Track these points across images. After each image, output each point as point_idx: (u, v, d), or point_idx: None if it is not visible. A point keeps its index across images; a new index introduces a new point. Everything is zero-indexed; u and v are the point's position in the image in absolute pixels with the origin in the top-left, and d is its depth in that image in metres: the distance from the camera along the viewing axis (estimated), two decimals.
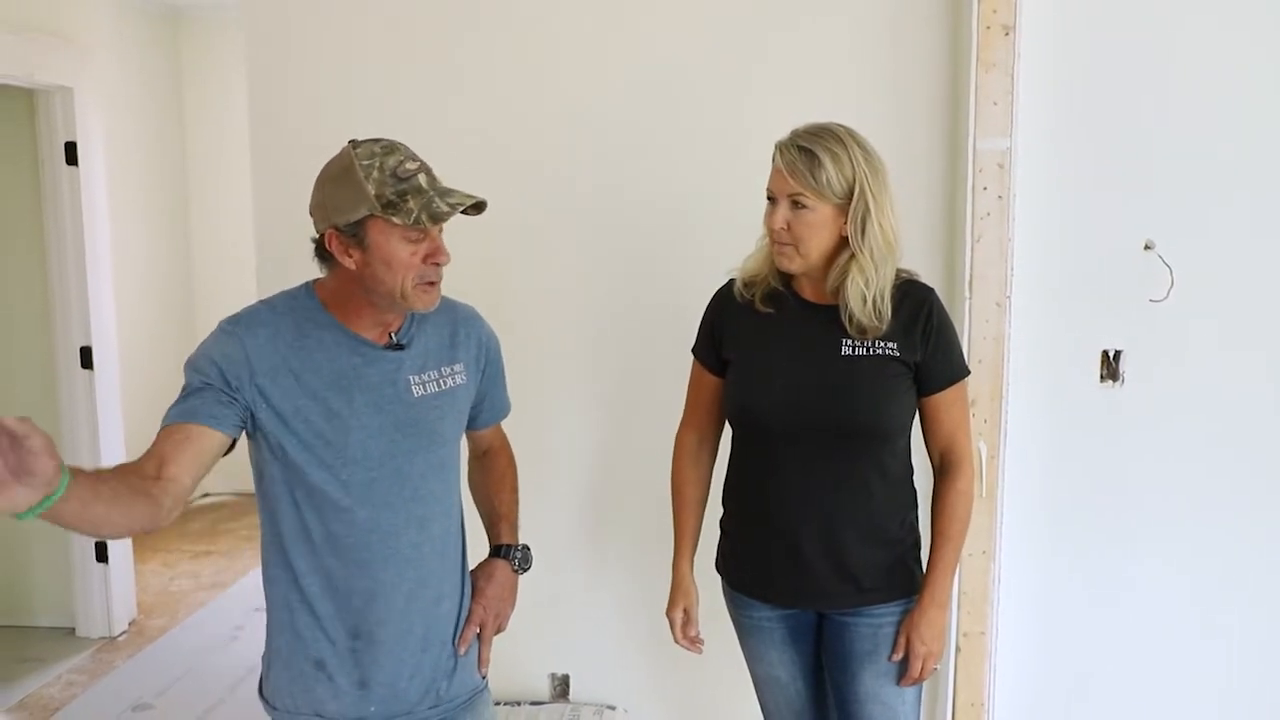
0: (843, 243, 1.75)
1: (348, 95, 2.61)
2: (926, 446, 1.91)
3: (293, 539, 1.63)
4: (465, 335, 1.74)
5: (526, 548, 1.87)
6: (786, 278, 1.85)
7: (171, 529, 5.23)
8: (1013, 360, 2.42)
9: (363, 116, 2.57)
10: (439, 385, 1.68)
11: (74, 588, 3.87)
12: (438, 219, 1.53)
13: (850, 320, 1.76)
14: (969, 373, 1.88)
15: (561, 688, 2.72)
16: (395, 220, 1.50)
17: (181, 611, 4.16)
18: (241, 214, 5.40)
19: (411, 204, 1.51)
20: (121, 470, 1.45)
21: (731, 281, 1.93)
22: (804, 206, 1.73)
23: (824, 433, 1.79)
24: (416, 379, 1.65)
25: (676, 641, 1.98)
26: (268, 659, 1.72)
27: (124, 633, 3.92)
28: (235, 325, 1.59)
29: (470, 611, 1.76)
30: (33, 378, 3.79)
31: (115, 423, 3.89)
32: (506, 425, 1.93)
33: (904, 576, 1.88)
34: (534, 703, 2.67)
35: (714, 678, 2.58)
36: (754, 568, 1.90)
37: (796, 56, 2.49)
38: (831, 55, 2.49)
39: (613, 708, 2.66)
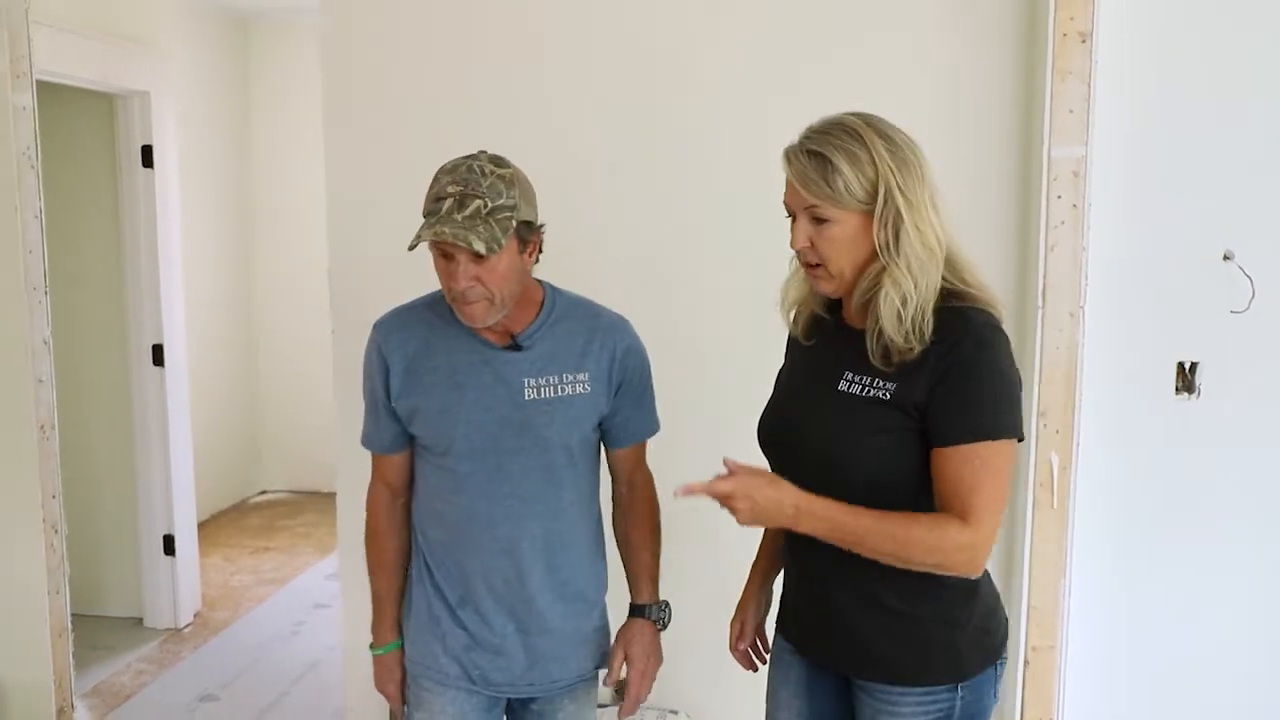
0: (876, 254, 1.48)
1: (419, 98, 2.66)
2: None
3: (422, 505, 1.81)
4: (600, 346, 1.75)
5: (667, 604, 1.90)
6: (833, 300, 1.61)
7: (230, 524, 5.34)
8: (1086, 371, 2.39)
9: (433, 117, 2.63)
10: (555, 391, 1.71)
11: (142, 580, 3.97)
12: (410, 247, 1.61)
13: (875, 342, 1.47)
14: (1006, 436, 1.45)
15: (623, 691, 2.72)
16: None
17: (243, 606, 4.24)
18: (303, 214, 5.53)
19: (423, 224, 1.59)
20: (398, 558, 1.86)
21: None
22: (825, 220, 1.46)
23: (808, 478, 1.48)
24: (531, 382, 1.70)
25: (730, 650, 1.87)
26: (407, 604, 1.86)
27: (189, 625, 4.01)
28: (377, 330, 1.78)
29: (628, 689, 1.86)
30: (107, 374, 3.89)
31: (183, 418, 3.98)
32: None
33: (916, 659, 1.54)
34: (598, 705, 2.68)
35: None
36: (785, 603, 1.75)
37: (867, 64, 2.49)
38: (901, 63, 2.49)
39: (675, 712, 2.67)
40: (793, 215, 1.52)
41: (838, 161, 1.44)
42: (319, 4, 2.67)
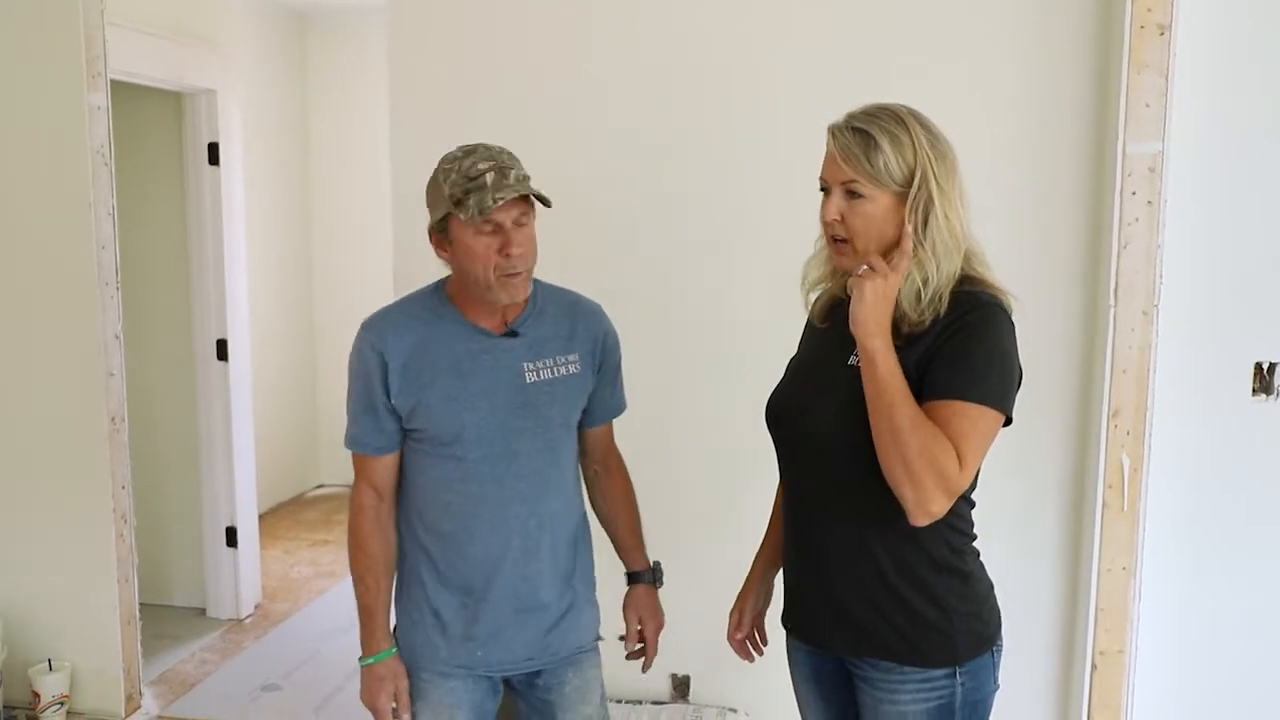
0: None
1: (484, 96, 2.68)
2: None
3: (420, 503, 1.82)
4: (584, 329, 1.86)
5: (658, 564, 2.02)
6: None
7: (289, 517, 5.42)
8: (1159, 371, 2.35)
9: (498, 116, 2.64)
10: (552, 373, 1.80)
11: (205, 571, 4.04)
12: (484, 212, 1.66)
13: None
14: (994, 406, 1.47)
15: (682, 689, 2.73)
16: (461, 217, 1.67)
17: (302, 598, 4.30)
18: (361, 211, 5.60)
19: (472, 200, 1.66)
20: (386, 566, 1.84)
21: None
22: (859, 195, 1.51)
23: (813, 451, 1.59)
24: (530, 365, 1.78)
25: (728, 640, 1.89)
26: (403, 606, 1.87)
27: (250, 615, 4.07)
28: (369, 331, 1.79)
29: (646, 650, 1.99)
30: (174, 368, 3.96)
31: (246, 411, 4.05)
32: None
33: (908, 638, 1.56)
34: (655, 702, 2.69)
35: None
36: (786, 589, 1.76)
37: (938, 57, 2.46)
38: (973, 56, 2.45)
39: (734, 710, 2.66)
40: (826, 190, 1.57)
41: (881, 141, 1.50)
42: (387, 4, 2.70)
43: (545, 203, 1.71)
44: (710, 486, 2.68)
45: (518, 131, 2.65)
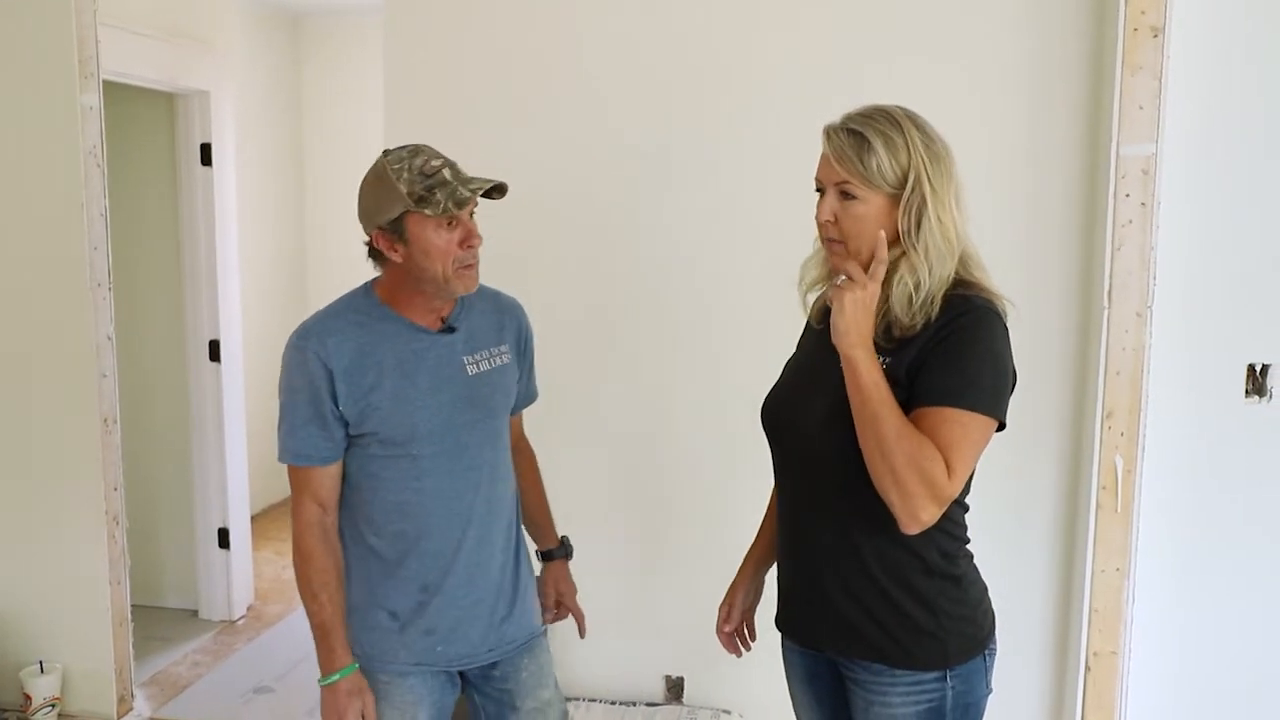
0: (898, 239, 1.52)
1: (479, 96, 2.68)
2: None
3: (368, 508, 1.81)
4: (509, 321, 1.93)
5: (565, 537, 2.12)
6: None
7: (281, 518, 5.39)
8: (1153, 373, 2.35)
9: (493, 115, 2.64)
10: (490, 364, 1.86)
11: (198, 572, 4.02)
12: (462, 205, 1.70)
13: (880, 319, 1.51)
14: (984, 413, 1.47)
15: (676, 690, 2.72)
16: (427, 212, 1.69)
17: (294, 599, 4.24)
18: (351, 213, 5.56)
19: (439, 195, 1.69)
20: (338, 580, 1.80)
21: None
22: (852, 197, 1.51)
23: (806, 452, 1.60)
24: (470, 359, 1.83)
25: (716, 633, 1.87)
26: (358, 617, 1.85)
27: (242, 617, 4.06)
28: (308, 340, 1.78)
29: (578, 618, 2.09)
30: (167, 369, 3.95)
31: (238, 413, 4.04)
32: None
33: (899, 640, 1.56)
34: (649, 704, 2.68)
35: None
36: (779, 590, 1.75)
37: (933, 58, 2.46)
38: (968, 58, 2.46)
39: (728, 712, 2.66)
40: (822, 190, 1.57)
41: (875, 143, 1.49)
42: (383, 4, 2.70)
43: (503, 191, 1.75)
44: (705, 487, 2.68)
45: (514, 132, 2.66)
